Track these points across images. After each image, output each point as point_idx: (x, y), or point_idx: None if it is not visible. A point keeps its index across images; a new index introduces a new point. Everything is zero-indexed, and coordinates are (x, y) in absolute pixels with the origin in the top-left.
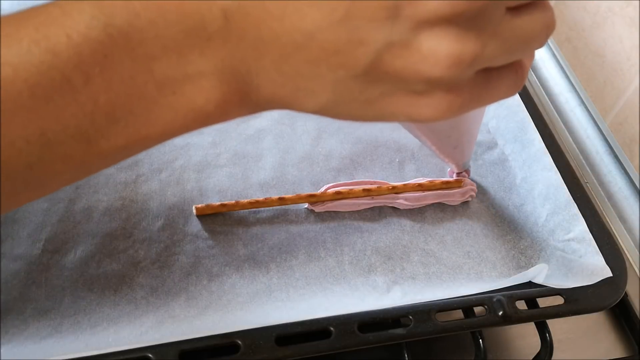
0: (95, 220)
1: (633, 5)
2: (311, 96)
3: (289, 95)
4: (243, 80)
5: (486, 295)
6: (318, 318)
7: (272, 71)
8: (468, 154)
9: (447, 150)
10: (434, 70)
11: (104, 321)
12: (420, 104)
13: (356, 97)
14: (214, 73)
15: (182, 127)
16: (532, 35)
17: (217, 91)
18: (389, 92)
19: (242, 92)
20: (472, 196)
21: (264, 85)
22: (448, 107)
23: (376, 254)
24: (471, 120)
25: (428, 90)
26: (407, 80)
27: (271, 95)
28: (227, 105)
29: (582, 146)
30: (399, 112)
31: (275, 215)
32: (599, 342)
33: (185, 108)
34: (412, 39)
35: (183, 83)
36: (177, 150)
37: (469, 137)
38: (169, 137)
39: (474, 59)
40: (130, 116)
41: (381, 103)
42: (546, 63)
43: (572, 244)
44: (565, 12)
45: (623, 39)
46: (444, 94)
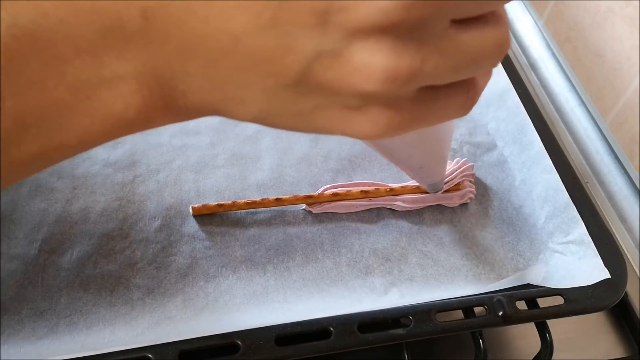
0: (92, 220)
1: (633, 5)
2: (241, 105)
3: (218, 103)
4: (167, 85)
5: (486, 295)
6: (318, 318)
7: (199, 77)
8: (437, 175)
9: (414, 171)
10: (367, 85)
11: (100, 322)
12: (356, 120)
13: (289, 109)
14: (134, 77)
15: (103, 134)
16: (481, 53)
17: (138, 96)
18: (323, 105)
19: (167, 97)
20: (470, 198)
21: (191, 91)
22: (386, 125)
23: (374, 256)
24: (434, 139)
25: (363, 105)
26: (339, 93)
27: (200, 102)
28: (150, 111)
29: (582, 146)
30: (334, 127)
31: (273, 216)
32: (599, 342)
33: (102, 114)
34: (344, 49)
35: (99, 87)
36: (174, 150)
37: (435, 157)
38: (90, 144)
39: (411, 74)
40: (42, 122)
41: (315, 117)
42: (546, 63)
43: (570, 247)
44: (565, 12)
45: (623, 39)
46: (381, 111)
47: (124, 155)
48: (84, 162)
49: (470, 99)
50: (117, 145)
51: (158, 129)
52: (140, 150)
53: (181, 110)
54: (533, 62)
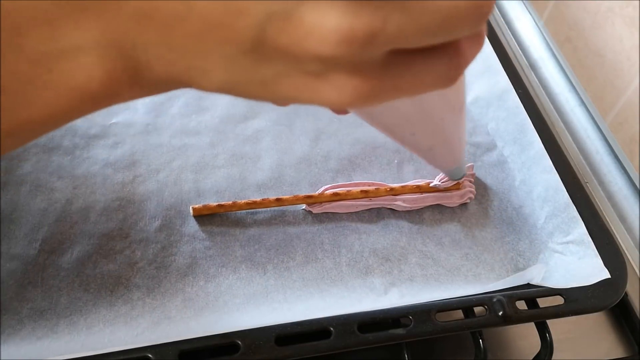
0: (92, 220)
1: (633, 5)
2: (205, 75)
3: (182, 74)
4: (129, 55)
5: (486, 295)
6: (318, 318)
7: (159, 46)
8: (453, 159)
9: (424, 153)
10: (322, 48)
11: (100, 322)
12: (321, 87)
13: (252, 77)
14: (93, 47)
15: (70, 109)
16: (454, 13)
17: (99, 68)
18: (285, 72)
19: (131, 69)
20: (470, 198)
21: (154, 62)
22: (353, 92)
23: (374, 256)
24: (438, 115)
25: (325, 71)
26: (298, 59)
27: (165, 73)
28: (115, 83)
29: (582, 146)
30: (300, 95)
31: (273, 216)
32: (599, 342)
33: (65, 87)
34: (295, 10)
35: (59, 59)
36: (174, 150)
37: (444, 137)
38: (59, 120)
39: (370, 35)
40: (5, 98)
41: (280, 85)
42: (546, 63)
43: (570, 247)
44: (565, 12)
45: (623, 39)
46: (345, 77)
47: (124, 155)
48: (84, 162)
49: (454, 68)
50: (117, 145)
51: (158, 129)
52: (140, 150)
53: (148, 82)
54: (533, 62)
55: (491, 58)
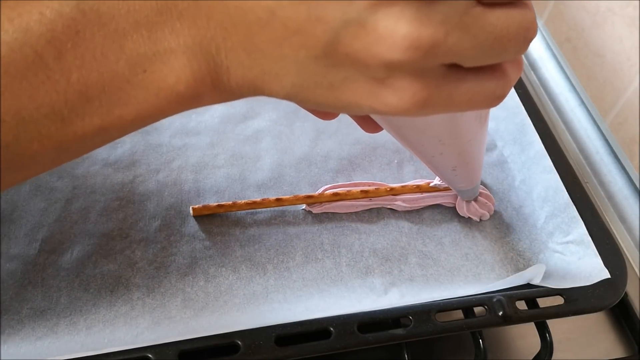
0: (92, 220)
1: (633, 5)
2: (276, 80)
3: (257, 79)
4: (213, 60)
5: (486, 295)
6: (318, 318)
7: (240, 52)
8: (472, 180)
9: (446, 172)
10: (391, 53)
11: (100, 322)
12: (383, 92)
13: (320, 82)
14: (184, 52)
15: (157, 109)
16: (506, 35)
17: (188, 70)
18: (352, 77)
19: (213, 73)
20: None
21: (233, 67)
22: (413, 98)
23: (374, 256)
24: (466, 137)
25: (390, 76)
26: (367, 64)
27: (241, 78)
28: (199, 86)
29: (582, 146)
30: (362, 101)
31: (273, 216)
32: (599, 342)
33: (156, 87)
34: (369, 18)
35: (154, 61)
36: (174, 151)
37: (468, 159)
38: (145, 119)
39: (433, 44)
40: (103, 95)
41: (345, 90)
42: (546, 63)
43: (570, 247)
44: (565, 12)
45: (623, 39)
46: (407, 83)
47: (124, 155)
48: (84, 162)
49: (501, 87)
50: (117, 145)
51: (158, 129)
52: (140, 150)
53: (226, 87)
54: (533, 62)
55: None
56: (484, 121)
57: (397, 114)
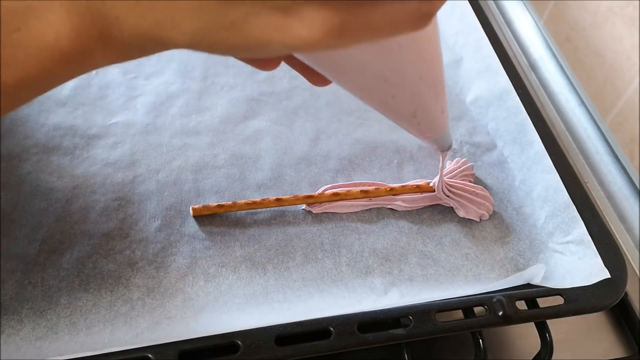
0: (91, 220)
1: (633, 5)
2: (174, 26)
3: (152, 29)
4: (97, 11)
5: (486, 295)
6: (318, 318)
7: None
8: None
9: (407, 121)
10: None
11: (100, 322)
12: (291, 23)
13: (221, 22)
14: (60, 4)
15: (42, 70)
16: None
17: (68, 24)
18: (253, 11)
19: (100, 25)
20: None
21: (123, 17)
22: (323, 25)
23: (374, 256)
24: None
25: (293, 4)
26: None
27: (135, 29)
28: (84, 41)
29: (582, 146)
30: (271, 36)
31: (273, 216)
32: (599, 342)
33: (35, 46)
34: None
35: (27, 17)
36: (174, 151)
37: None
38: (32, 83)
39: None
40: None
41: (249, 27)
42: (546, 63)
43: (570, 246)
44: (565, 12)
45: (623, 39)
46: (314, 9)
47: (124, 155)
48: (84, 162)
49: (426, 4)
50: (117, 145)
51: (158, 129)
52: (140, 150)
53: (119, 41)
54: (533, 62)
55: (491, 58)
56: (434, 52)
57: (313, 47)
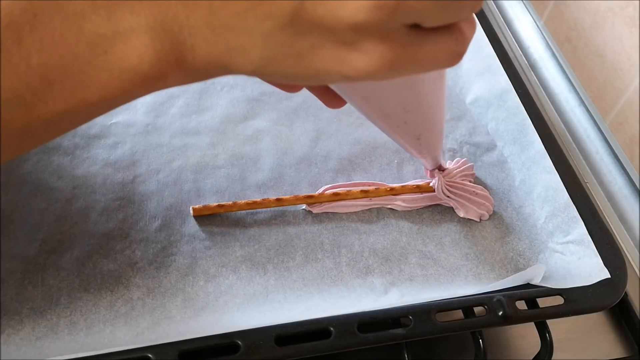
0: (92, 220)
1: (633, 5)
2: (243, 54)
3: (223, 55)
4: (176, 39)
5: (486, 295)
6: (318, 318)
7: (204, 28)
8: (435, 148)
9: (412, 141)
10: (356, 15)
11: (100, 322)
12: (351, 56)
13: (287, 52)
14: (145, 31)
15: (121, 91)
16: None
17: (150, 49)
18: (319, 44)
19: (177, 52)
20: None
21: (198, 45)
22: (380, 59)
23: (374, 256)
24: (428, 102)
25: (357, 40)
26: (333, 29)
27: (207, 55)
28: (163, 66)
29: (582, 146)
30: (331, 67)
31: (273, 216)
32: (599, 342)
33: (118, 68)
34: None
35: (114, 41)
36: (174, 150)
37: (431, 126)
38: (111, 102)
39: (396, 4)
40: (65, 78)
41: (313, 58)
42: (546, 63)
43: (570, 247)
44: (565, 12)
45: (623, 39)
46: (374, 45)
47: (124, 155)
48: (84, 162)
49: (459, 45)
50: (117, 145)
51: (158, 129)
52: (140, 150)
53: (191, 66)
54: (533, 62)
55: (491, 58)
56: (443, 84)
57: (367, 77)
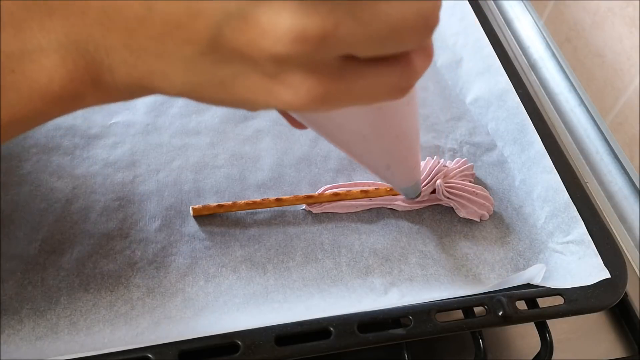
0: (92, 220)
1: (633, 5)
2: (164, 78)
3: (144, 78)
4: (92, 58)
5: (486, 295)
6: (318, 318)
7: (121, 50)
8: (409, 178)
9: (381, 172)
10: (277, 47)
11: (100, 322)
12: (277, 88)
13: (210, 79)
14: (56, 50)
15: (33, 111)
16: (402, 24)
17: (61, 69)
18: (243, 73)
19: (93, 71)
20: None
21: (116, 66)
22: (308, 94)
23: (374, 256)
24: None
25: (281, 72)
26: (254, 59)
27: (126, 77)
28: (77, 85)
29: (582, 146)
30: (258, 98)
31: (273, 216)
32: (599, 342)
33: (27, 88)
34: (251, 11)
35: (22, 60)
36: (174, 150)
37: (400, 156)
38: (23, 122)
39: (322, 37)
40: None
41: (238, 87)
42: (546, 63)
43: (570, 246)
44: (565, 12)
45: (623, 39)
46: (300, 78)
47: (124, 155)
48: (84, 162)
49: (405, 78)
50: (117, 145)
51: (158, 129)
52: (140, 150)
53: (111, 87)
54: (533, 62)
55: (491, 58)
56: (411, 114)
57: (296, 110)
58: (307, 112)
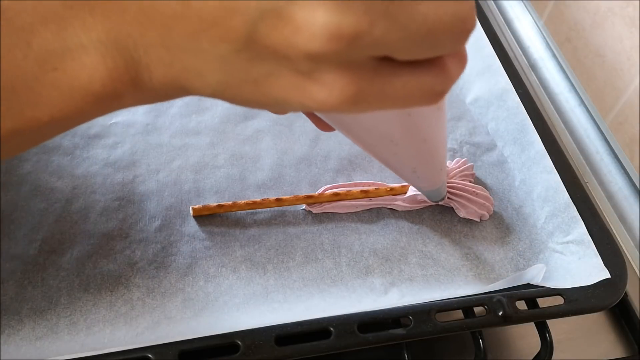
0: (92, 220)
1: (633, 5)
2: (199, 77)
3: (180, 77)
4: (131, 57)
5: (486, 295)
6: (318, 318)
7: (158, 47)
8: (434, 182)
9: (406, 175)
10: (311, 45)
11: (100, 322)
12: (310, 87)
13: (244, 78)
14: (97, 48)
15: (74, 110)
16: (439, 26)
17: (102, 67)
18: (277, 72)
19: (132, 71)
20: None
21: (154, 64)
22: (342, 93)
23: (374, 256)
24: (421, 137)
25: (315, 70)
26: (289, 57)
27: (163, 76)
28: (117, 85)
29: (582, 146)
30: (291, 96)
31: (273, 216)
32: (599, 342)
33: (68, 86)
34: (286, 8)
35: (64, 58)
36: (174, 150)
37: (427, 160)
38: (63, 121)
39: (356, 35)
40: (13, 96)
41: (271, 85)
42: (546, 63)
43: (570, 247)
44: (565, 12)
45: (623, 39)
46: (334, 76)
47: (124, 155)
48: (84, 162)
49: (440, 83)
50: (117, 145)
51: (158, 129)
52: (140, 150)
53: (148, 86)
54: (533, 62)
55: (491, 58)
56: (440, 119)
57: (329, 110)
58: (339, 113)
